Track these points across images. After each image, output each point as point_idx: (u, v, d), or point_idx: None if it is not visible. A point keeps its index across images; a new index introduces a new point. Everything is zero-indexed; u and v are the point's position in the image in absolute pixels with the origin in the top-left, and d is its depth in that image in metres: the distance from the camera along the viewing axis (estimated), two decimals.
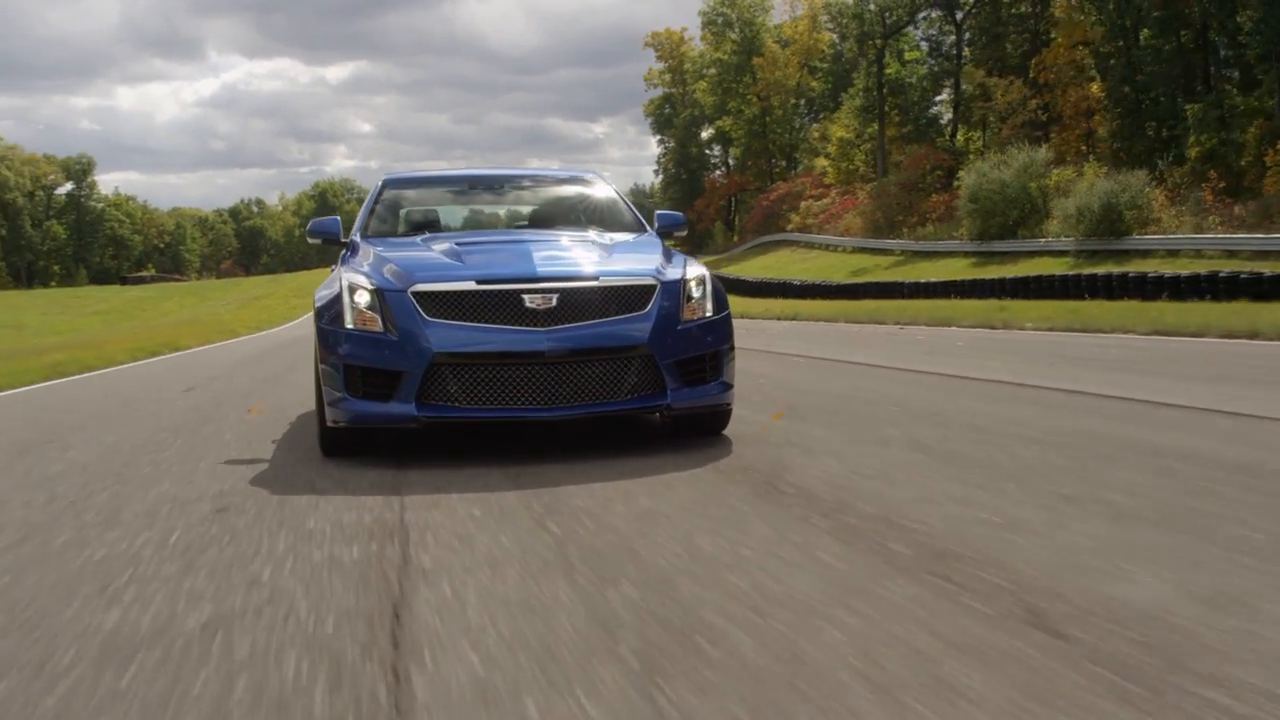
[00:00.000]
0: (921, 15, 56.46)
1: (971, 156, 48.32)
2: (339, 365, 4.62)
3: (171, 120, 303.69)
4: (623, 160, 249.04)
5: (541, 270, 4.66)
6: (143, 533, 3.44)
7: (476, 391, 4.52)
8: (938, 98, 57.52)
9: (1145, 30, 43.19)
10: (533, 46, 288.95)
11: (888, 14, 56.43)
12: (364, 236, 5.80)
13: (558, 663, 2.13)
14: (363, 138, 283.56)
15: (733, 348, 5.01)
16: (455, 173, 7.39)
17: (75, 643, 2.35)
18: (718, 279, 5.08)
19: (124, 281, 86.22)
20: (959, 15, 55.52)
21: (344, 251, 5.76)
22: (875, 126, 57.26)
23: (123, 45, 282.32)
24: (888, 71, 56.65)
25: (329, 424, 4.75)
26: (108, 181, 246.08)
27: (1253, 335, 10.80)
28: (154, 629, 2.42)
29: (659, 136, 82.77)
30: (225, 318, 36.20)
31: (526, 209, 6.78)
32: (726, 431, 5.19)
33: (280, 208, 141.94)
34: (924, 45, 57.67)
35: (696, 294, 4.89)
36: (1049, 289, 25.30)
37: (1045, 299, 23.07)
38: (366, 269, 4.91)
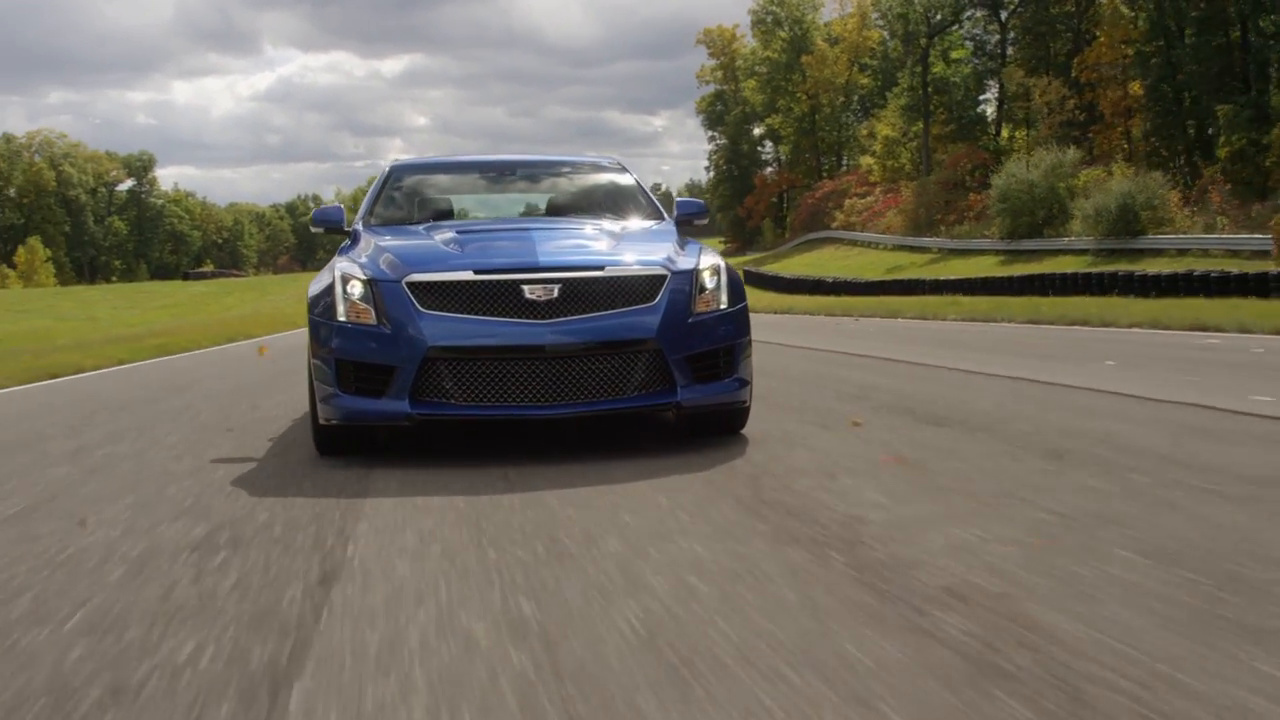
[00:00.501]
0: (966, 15, 58.76)
1: (1014, 155, 50.53)
2: (330, 359, 4.53)
3: (227, 114, 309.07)
4: (682, 154, 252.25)
5: (544, 259, 4.55)
6: (238, 414, 6.53)
7: (473, 388, 4.42)
8: (982, 96, 59.82)
9: (1188, 30, 45.21)
10: (590, 38, 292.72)
11: (933, 13, 58.81)
12: (367, 226, 5.76)
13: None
14: (418, 131, 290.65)
15: (750, 342, 4.90)
16: (467, 159, 7.31)
17: (240, 412, 5.39)
18: (734, 269, 5.02)
19: (186, 277, 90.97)
20: (1003, 15, 57.76)
21: (345, 241, 5.70)
22: (920, 125, 59.72)
23: (178, 39, 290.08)
24: (934, 70, 59.02)
25: (321, 421, 4.70)
26: (164, 177, 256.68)
27: (1155, 325, 13.42)
28: (222, 422, 5.48)
29: (710, 133, 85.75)
30: (287, 311, 39.76)
31: (541, 196, 6.76)
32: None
33: (336, 202, 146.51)
34: (969, 44, 59.87)
35: (710, 285, 4.77)
36: (1055, 286, 27.76)
37: (1052, 295, 25.56)
38: (363, 259, 4.82)
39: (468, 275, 4.46)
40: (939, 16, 58.75)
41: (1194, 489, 3.41)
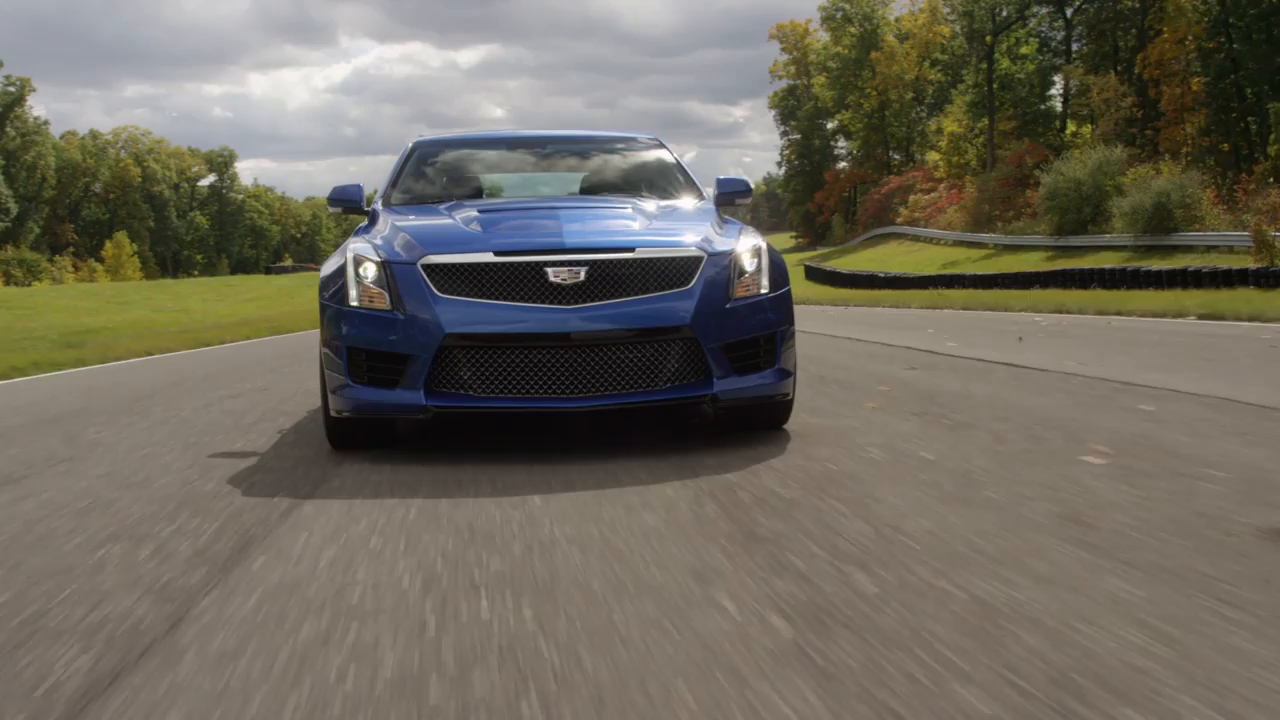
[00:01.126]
0: (1032, 12, 61.40)
1: (1076, 151, 53.22)
2: (341, 347, 4.43)
3: (303, 107, 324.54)
4: (764, 145, 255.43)
5: (569, 240, 4.40)
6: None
7: (493, 378, 4.29)
8: (1048, 92, 62.34)
9: (1250, 26, 47.56)
10: (669, 26, 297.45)
11: (998, 10, 61.58)
12: (387, 205, 5.66)
13: None
14: (495, 123, 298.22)
15: (793, 330, 4.76)
16: (495, 134, 7.22)
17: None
18: (776, 251, 4.84)
19: (268, 271, 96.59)
20: (1069, 11, 60.26)
21: (363, 222, 5.61)
22: (985, 121, 62.53)
23: (254, 31, 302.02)
24: (1000, 66, 61.79)
25: (333, 413, 4.57)
26: (242, 170, 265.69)
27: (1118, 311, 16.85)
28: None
29: (783, 128, 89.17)
30: None
31: (574, 174, 6.67)
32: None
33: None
34: (1033, 40, 62.51)
35: (750, 268, 4.61)
36: (1075, 280, 30.85)
37: (1078, 289, 28.70)
38: (378, 240, 4.69)
39: (487, 257, 4.31)
40: (1004, 13, 61.52)
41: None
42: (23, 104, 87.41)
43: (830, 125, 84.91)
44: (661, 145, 6.58)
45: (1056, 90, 62.18)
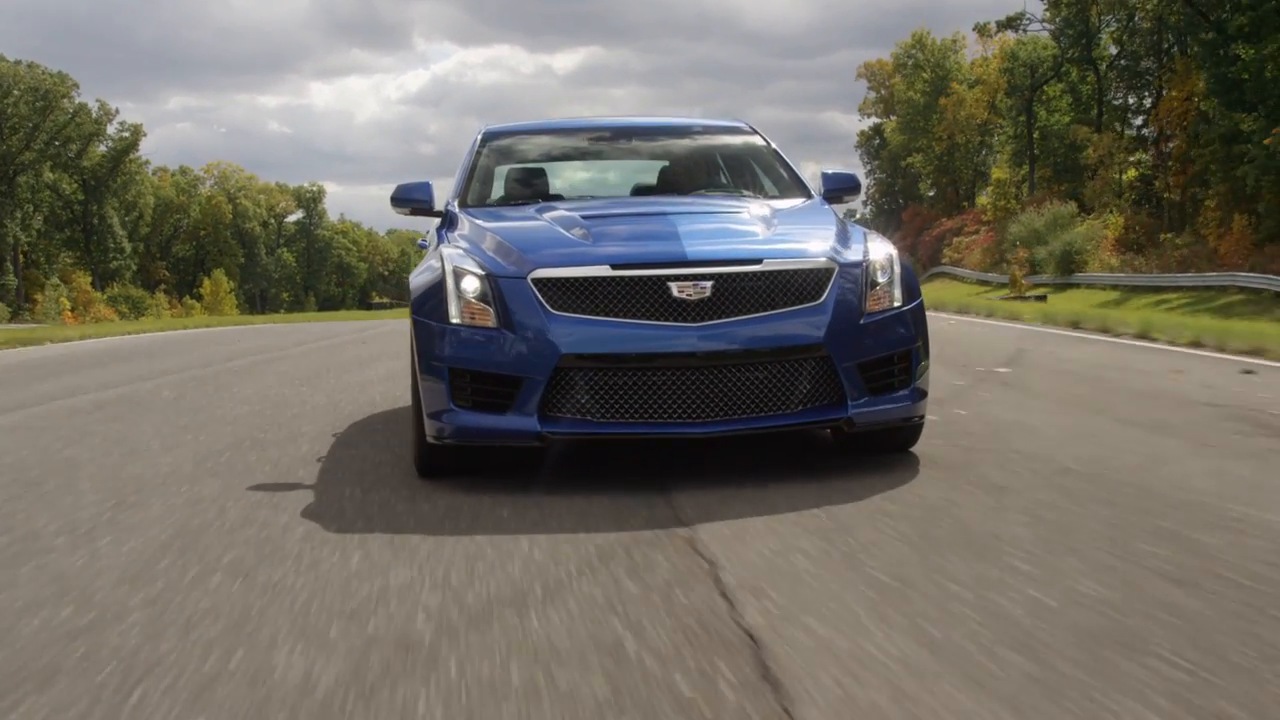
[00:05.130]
0: (1065, 70, 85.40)
1: (1112, 199, 76.48)
2: (443, 369, 5.11)
3: (372, 120, 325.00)
4: None
5: (691, 251, 5.07)
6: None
7: (613, 402, 4.97)
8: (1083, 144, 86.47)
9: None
10: (804, 23, 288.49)
11: (1036, 67, 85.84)
12: (463, 206, 6.56)
13: None
14: None
15: (927, 346, 5.52)
16: (573, 123, 8.14)
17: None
18: (906, 261, 5.63)
19: (369, 308, 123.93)
20: (1102, 68, 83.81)
21: (438, 224, 6.68)
22: (1026, 169, 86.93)
23: (315, 33, 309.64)
24: (1041, 118, 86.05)
25: (430, 439, 5.27)
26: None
27: None
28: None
29: (868, 167, 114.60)
30: None
31: (660, 164, 7.56)
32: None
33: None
34: (1067, 96, 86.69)
35: (882, 279, 5.35)
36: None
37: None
38: (472, 249, 5.43)
39: (604, 270, 4.97)
40: (1040, 71, 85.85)
41: None
42: (136, 149, 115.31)
43: (905, 165, 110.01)
44: (755, 132, 7.53)
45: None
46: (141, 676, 3.10)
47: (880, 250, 5.55)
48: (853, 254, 5.40)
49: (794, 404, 5.13)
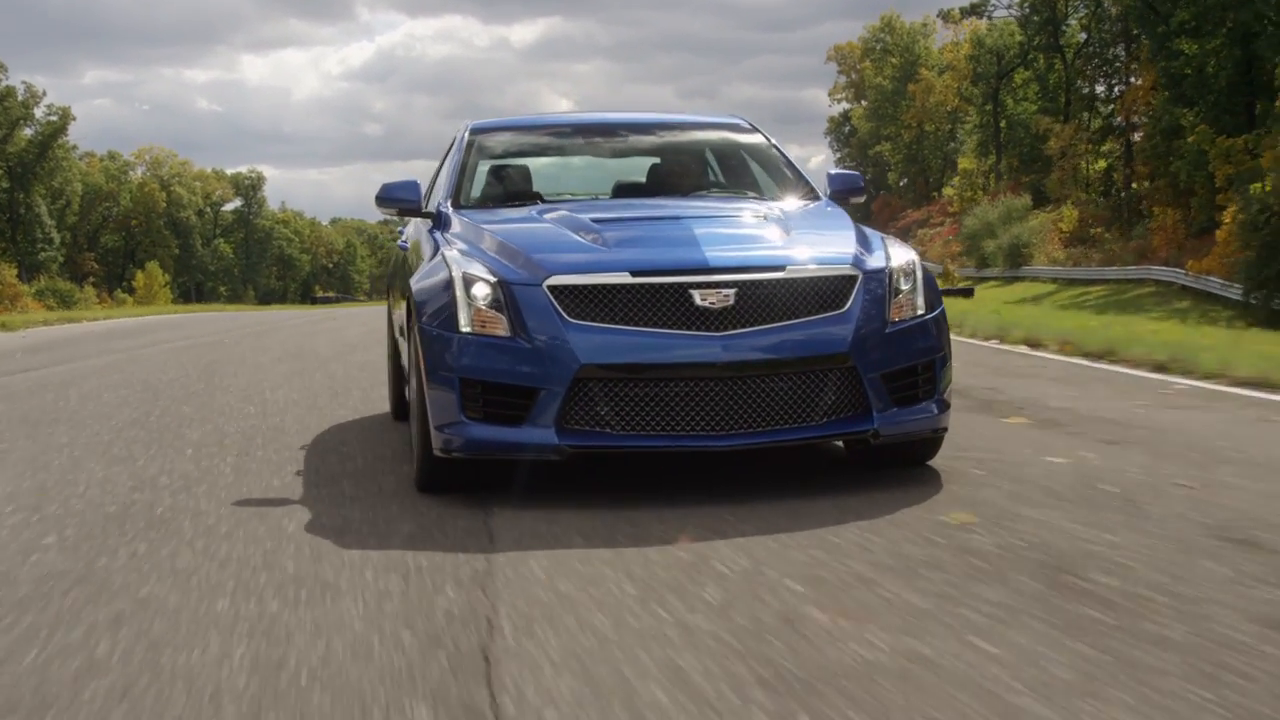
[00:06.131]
0: (1032, 57, 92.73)
1: (1077, 187, 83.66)
2: (453, 379, 5.50)
3: (312, 98, 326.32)
4: None
5: (713, 258, 5.53)
6: None
7: (634, 414, 5.39)
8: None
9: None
10: None
11: (1002, 54, 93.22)
12: (457, 206, 7.01)
13: None
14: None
15: (949, 355, 5.99)
16: (566, 119, 8.77)
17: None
18: (926, 267, 6.00)
19: (313, 302, 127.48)
20: (1069, 56, 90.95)
21: (427, 225, 7.08)
22: (993, 159, 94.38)
23: (248, 1, 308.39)
24: (1008, 107, 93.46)
25: (437, 452, 5.64)
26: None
27: None
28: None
29: (837, 155, 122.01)
30: None
31: (655, 163, 8.03)
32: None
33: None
34: (1034, 84, 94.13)
35: (905, 286, 5.81)
36: None
37: None
38: (477, 253, 5.86)
39: (623, 278, 5.42)
40: (1007, 58, 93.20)
41: None
42: (65, 133, 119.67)
43: (873, 153, 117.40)
44: (755, 130, 7.99)
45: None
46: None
47: (902, 256, 5.95)
48: (875, 260, 5.79)
49: (818, 416, 5.49)
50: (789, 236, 6.02)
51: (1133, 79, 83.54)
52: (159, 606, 4.25)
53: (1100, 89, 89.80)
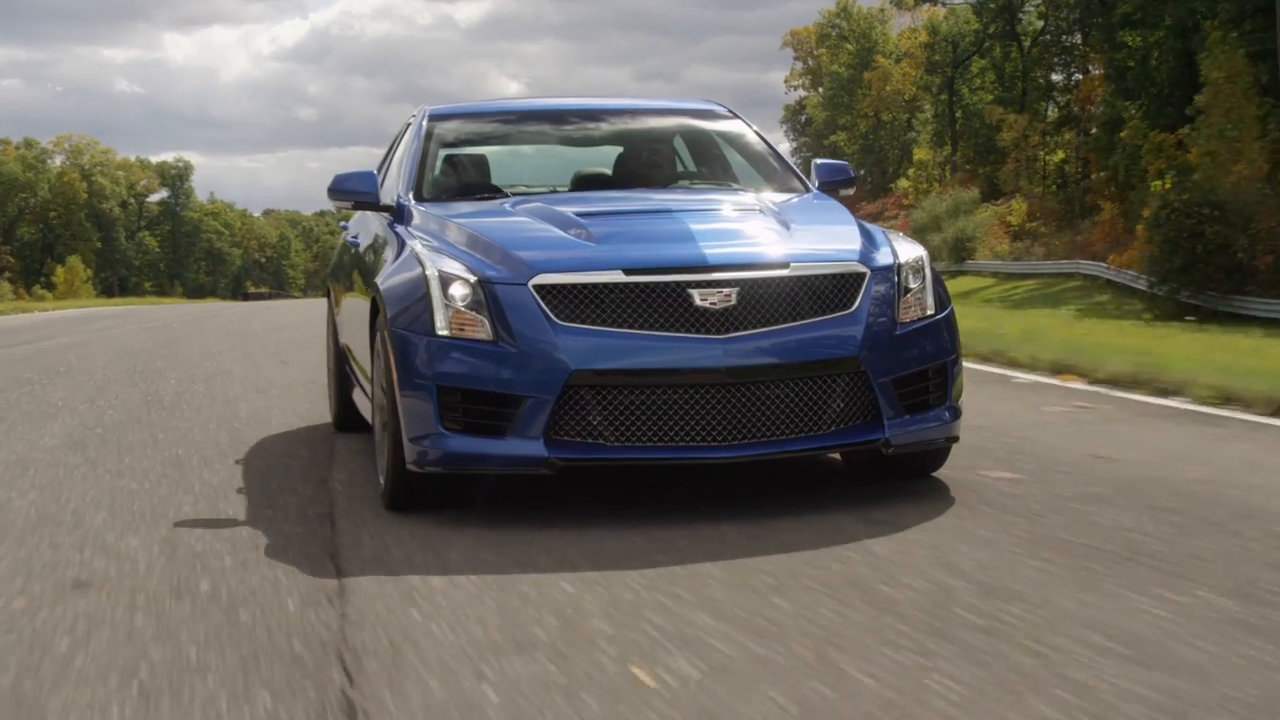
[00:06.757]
0: (988, 46, 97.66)
1: (1023, 183, 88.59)
2: (429, 387, 5.52)
3: (241, 79, 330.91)
4: None
5: (712, 254, 5.61)
6: None
7: (630, 424, 5.45)
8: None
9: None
10: None
11: (958, 41, 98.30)
12: (419, 199, 7.08)
13: None
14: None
15: (960, 359, 6.12)
16: (530, 104, 8.97)
17: None
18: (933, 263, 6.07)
19: (245, 298, 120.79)
20: (1026, 44, 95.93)
21: (385, 220, 7.13)
22: (948, 150, 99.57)
23: None
24: (964, 98, 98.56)
25: (410, 465, 5.68)
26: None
27: None
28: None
29: (793, 145, 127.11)
30: None
31: (629, 152, 8.15)
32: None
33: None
34: (990, 73, 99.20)
35: (914, 284, 5.91)
36: None
37: None
38: (451, 249, 5.94)
39: (616, 276, 5.47)
40: (962, 46, 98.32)
41: None
42: None
43: (828, 144, 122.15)
44: (735, 116, 8.10)
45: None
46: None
47: (910, 251, 6.10)
48: (883, 256, 5.93)
49: (826, 424, 5.60)
50: (789, 231, 6.08)
51: (1091, 69, 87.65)
52: (185, 429, 9.29)
53: (1059, 78, 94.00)
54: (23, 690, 3.80)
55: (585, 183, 7.80)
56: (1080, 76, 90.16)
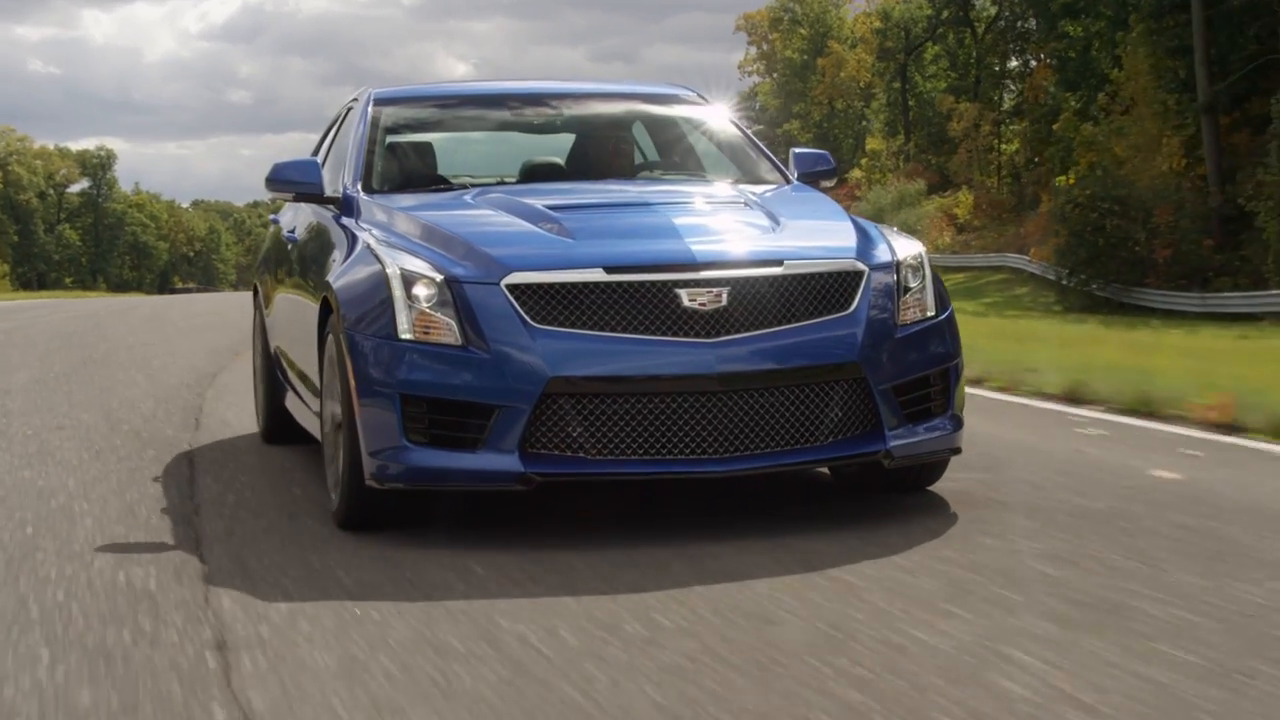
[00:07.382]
0: (941, 32, 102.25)
1: (975, 170, 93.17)
2: (392, 396, 5.44)
3: (167, 59, 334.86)
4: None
5: (700, 251, 5.58)
6: None
7: (611, 435, 5.39)
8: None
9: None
10: None
11: (910, 27, 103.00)
12: (368, 190, 7.00)
13: None
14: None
15: (962, 365, 6.13)
16: (483, 88, 8.87)
17: None
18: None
19: (173, 293, 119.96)
20: (979, 30, 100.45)
21: (331, 213, 7.00)
22: (900, 140, 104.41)
23: None
24: (918, 85, 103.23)
25: (369, 481, 5.60)
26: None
27: None
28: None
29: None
30: None
31: (591, 139, 8.18)
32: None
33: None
34: (944, 59, 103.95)
35: (914, 283, 5.93)
36: None
37: None
38: (411, 244, 5.91)
39: (597, 275, 5.45)
40: (915, 32, 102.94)
41: None
42: None
43: (781, 132, 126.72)
44: (705, 100, 8.14)
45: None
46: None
47: (908, 248, 6.12)
48: (880, 253, 5.96)
49: (824, 435, 5.58)
50: (779, 225, 6.09)
51: (1044, 56, 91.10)
52: (113, 373, 14.38)
53: (1016, 65, 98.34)
54: None
55: (535, 173, 7.77)
56: (1035, 63, 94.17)
